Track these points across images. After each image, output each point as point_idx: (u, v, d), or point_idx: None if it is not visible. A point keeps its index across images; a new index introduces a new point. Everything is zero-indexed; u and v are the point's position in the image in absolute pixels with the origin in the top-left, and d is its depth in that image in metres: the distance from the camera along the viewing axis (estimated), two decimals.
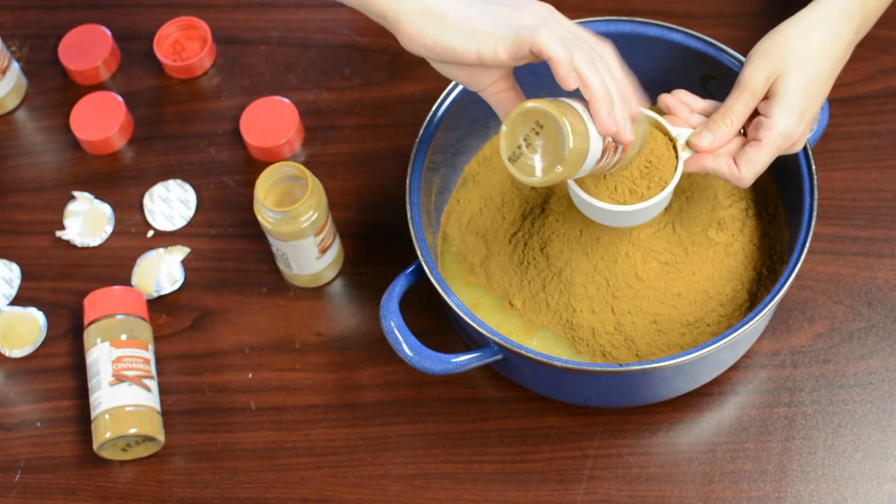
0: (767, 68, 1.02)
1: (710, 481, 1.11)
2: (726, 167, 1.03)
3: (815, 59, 1.03)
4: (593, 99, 0.94)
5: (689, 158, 1.04)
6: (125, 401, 1.13)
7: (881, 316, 1.16)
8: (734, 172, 1.03)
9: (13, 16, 1.41)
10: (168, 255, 1.24)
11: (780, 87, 1.02)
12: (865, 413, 1.13)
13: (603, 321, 1.11)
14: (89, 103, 1.32)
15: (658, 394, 1.12)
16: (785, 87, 1.02)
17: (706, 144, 1.03)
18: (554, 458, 1.13)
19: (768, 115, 1.02)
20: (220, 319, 1.22)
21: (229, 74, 1.35)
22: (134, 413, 1.13)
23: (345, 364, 1.19)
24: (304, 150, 1.30)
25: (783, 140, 1.02)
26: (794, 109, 1.02)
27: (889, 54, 1.29)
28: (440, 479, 1.13)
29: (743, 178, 1.02)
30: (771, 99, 1.02)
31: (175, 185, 1.29)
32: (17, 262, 1.26)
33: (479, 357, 1.07)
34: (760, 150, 1.02)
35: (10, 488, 1.16)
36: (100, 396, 1.13)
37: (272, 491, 1.14)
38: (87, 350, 1.16)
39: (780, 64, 1.02)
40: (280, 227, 1.14)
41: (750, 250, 1.14)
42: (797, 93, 1.02)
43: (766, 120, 1.02)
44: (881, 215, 1.21)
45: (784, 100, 1.02)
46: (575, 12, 1.24)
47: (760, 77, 1.02)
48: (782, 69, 1.02)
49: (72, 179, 1.30)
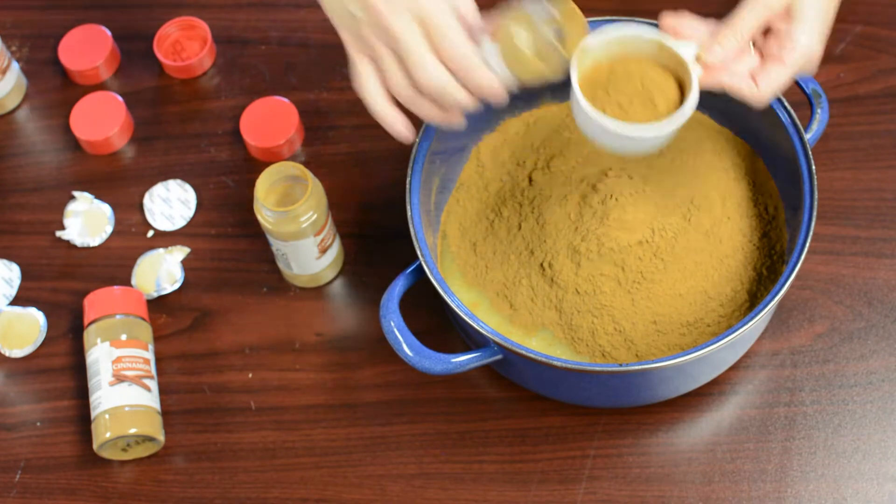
0: None
1: (710, 481, 1.11)
2: (745, 84, 1.01)
3: None
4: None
5: (704, 75, 1.02)
6: (125, 401, 1.13)
7: (881, 316, 1.16)
8: (753, 90, 1.01)
9: (13, 16, 1.41)
10: (168, 255, 1.24)
11: (801, 6, 1.01)
12: (865, 413, 1.13)
13: (602, 321, 1.11)
14: (89, 103, 1.32)
15: (658, 394, 1.12)
16: (805, 6, 1.01)
17: (718, 59, 1.02)
18: (554, 458, 1.13)
19: (790, 34, 1.01)
20: (220, 319, 1.22)
21: (229, 74, 1.35)
22: (134, 413, 1.13)
23: (345, 364, 1.19)
24: (304, 150, 1.30)
25: (806, 61, 1.01)
26: (816, 29, 1.01)
27: (889, 54, 1.29)
28: (440, 479, 1.13)
29: (762, 95, 1.01)
30: (793, 18, 1.01)
31: (175, 185, 1.29)
32: (17, 262, 1.26)
33: (479, 357, 1.07)
34: (783, 68, 1.01)
35: (10, 488, 1.16)
36: (100, 396, 1.13)
37: (272, 491, 1.14)
38: (87, 350, 1.16)
39: None
40: (280, 227, 1.14)
41: (750, 250, 1.14)
42: (818, 12, 1.01)
43: (788, 39, 1.01)
44: (881, 215, 1.21)
45: (807, 20, 1.01)
46: None
47: None
48: None
49: (72, 179, 1.30)
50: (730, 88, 1.02)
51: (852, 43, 1.29)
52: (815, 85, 1.14)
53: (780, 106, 1.11)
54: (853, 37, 1.29)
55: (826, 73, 1.27)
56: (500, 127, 1.21)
